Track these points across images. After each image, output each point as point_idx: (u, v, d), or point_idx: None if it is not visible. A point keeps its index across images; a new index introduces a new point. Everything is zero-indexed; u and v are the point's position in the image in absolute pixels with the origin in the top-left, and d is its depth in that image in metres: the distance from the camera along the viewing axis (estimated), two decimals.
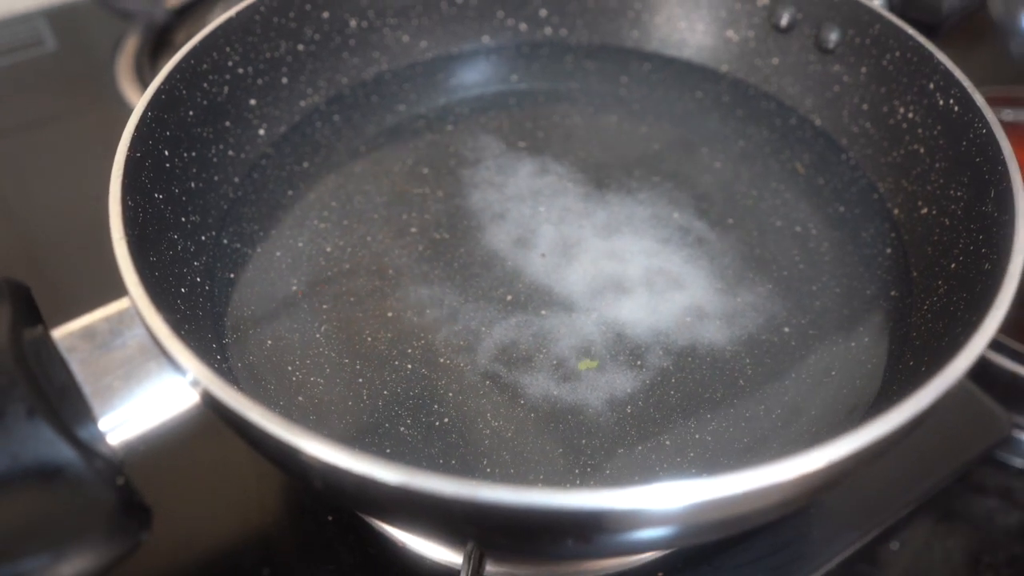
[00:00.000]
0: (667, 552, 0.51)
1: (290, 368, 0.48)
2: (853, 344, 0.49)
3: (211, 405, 0.36)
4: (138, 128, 0.46)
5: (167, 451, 0.45)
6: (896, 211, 0.55)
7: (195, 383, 0.36)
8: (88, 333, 0.38)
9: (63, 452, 0.33)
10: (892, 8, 0.58)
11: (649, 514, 0.32)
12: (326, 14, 0.62)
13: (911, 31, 0.54)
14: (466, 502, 0.32)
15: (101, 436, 0.36)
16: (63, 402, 0.35)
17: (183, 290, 0.47)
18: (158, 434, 0.38)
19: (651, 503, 0.31)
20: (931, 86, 0.52)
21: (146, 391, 0.37)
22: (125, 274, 0.39)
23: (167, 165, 0.49)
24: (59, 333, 0.37)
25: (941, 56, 0.52)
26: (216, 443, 0.52)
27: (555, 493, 0.31)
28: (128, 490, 0.34)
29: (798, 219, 0.57)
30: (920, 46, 0.53)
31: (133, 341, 0.38)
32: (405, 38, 0.66)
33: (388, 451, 0.45)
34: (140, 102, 0.47)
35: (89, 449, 0.34)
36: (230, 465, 0.51)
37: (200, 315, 0.48)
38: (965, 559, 0.58)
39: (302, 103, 0.62)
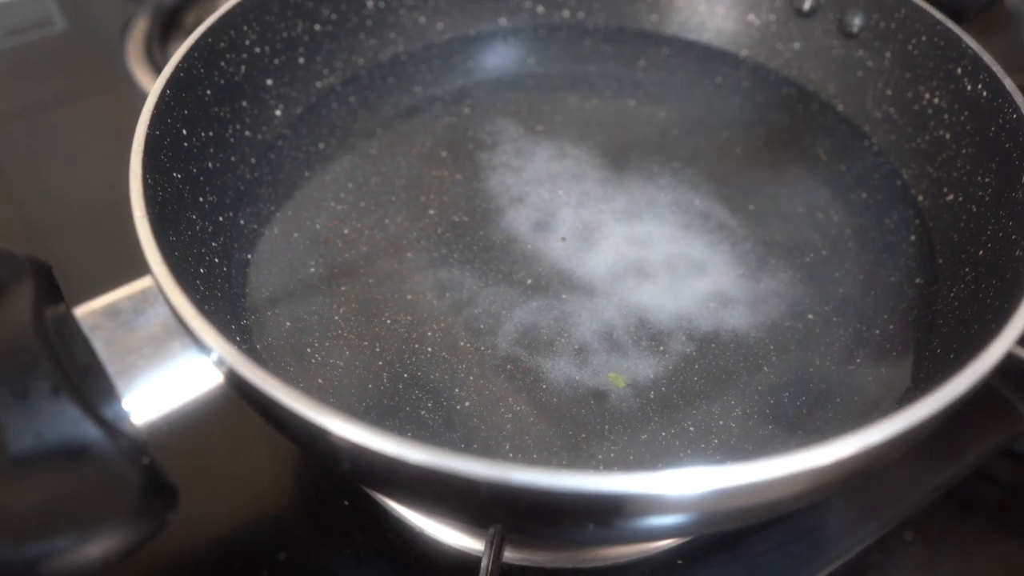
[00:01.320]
0: (686, 540, 0.50)
1: (309, 350, 0.48)
2: (878, 331, 0.49)
3: (236, 385, 0.35)
4: (157, 106, 0.46)
5: (189, 431, 0.44)
6: (920, 198, 0.54)
7: (220, 362, 0.35)
8: (111, 311, 0.37)
9: (88, 431, 0.33)
10: None
11: (680, 500, 0.32)
12: None
13: (938, 15, 0.53)
14: (496, 484, 0.31)
15: (125, 415, 0.35)
16: (87, 381, 0.34)
17: (202, 271, 0.47)
18: (181, 414, 0.37)
19: (682, 488, 0.31)
20: (958, 71, 0.52)
21: (169, 370, 0.37)
22: (148, 252, 0.38)
23: (185, 144, 0.49)
24: (82, 311, 0.37)
25: (969, 40, 0.51)
26: (236, 425, 0.51)
27: (585, 476, 0.30)
28: (154, 469, 0.34)
29: (820, 205, 0.56)
30: (948, 30, 0.52)
31: (156, 320, 0.37)
32: (422, 19, 0.66)
33: (409, 435, 0.44)
34: (159, 79, 0.47)
35: (114, 428, 0.34)
36: (249, 448, 0.51)
37: (219, 296, 0.47)
38: (979, 551, 0.58)
39: (318, 84, 0.61)
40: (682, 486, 0.31)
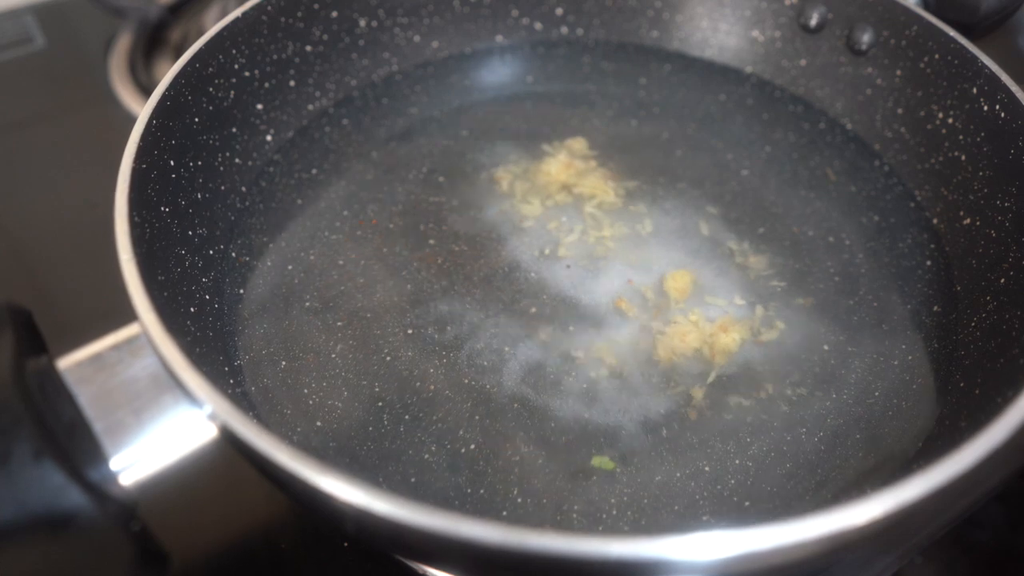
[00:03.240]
0: None
1: (306, 391, 0.45)
2: (896, 363, 0.47)
3: (232, 441, 0.33)
4: (143, 137, 0.43)
5: (182, 488, 0.42)
6: (936, 221, 0.53)
7: (214, 417, 0.33)
8: (97, 362, 0.35)
9: (74, 498, 0.30)
10: (927, 7, 0.55)
11: (703, 564, 0.30)
12: (335, 13, 0.59)
13: (952, 32, 0.52)
14: (511, 550, 0.29)
15: (113, 477, 0.33)
16: (72, 441, 0.32)
17: (192, 310, 0.45)
18: (173, 471, 0.35)
19: (707, 554, 0.29)
20: (974, 90, 0.50)
21: (160, 425, 0.35)
22: (135, 298, 0.36)
23: (173, 176, 0.47)
24: (66, 363, 0.35)
25: (986, 59, 0.49)
26: (231, 480, 0.48)
27: (605, 542, 0.29)
28: (144, 536, 0.32)
29: (831, 228, 0.54)
30: (962, 48, 0.51)
31: (145, 371, 0.35)
32: (416, 38, 0.64)
33: (413, 480, 0.42)
34: (144, 109, 0.44)
35: (101, 492, 0.32)
36: (246, 504, 0.48)
37: (211, 336, 0.45)
38: (989, 574, 0.56)
39: (310, 107, 0.59)
40: (706, 552, 0.29)
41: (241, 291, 0.49)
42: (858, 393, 0.46)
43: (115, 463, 0.33)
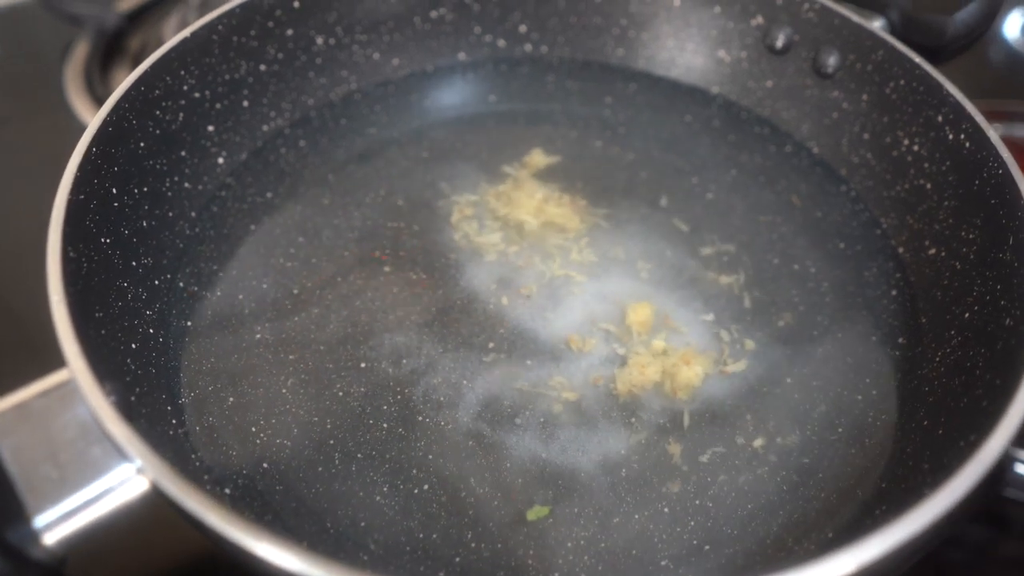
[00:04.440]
0: None
1: (254, 429, 0.44)
2: (860, 398, 0.46)
3: (165, 500, 0.31)
4: (81, 167, 0.42)
5: (112, 546, 0.39)
6: (901, 250, 0.52)
7: (145, 472, 0.31)
8: (22, 412, 0.33)
9: None
10: (893, 30, 0.55)
11: None
12: (290, 31, 0.57)
13: (918, 59, 0.51)
14: None
15: (36, 536, 0.31)
16: None
17: (134, 346, 0.43)
18: (102, 526, 0.33)
19: None
20: (939, 118, 0.49)
21: (90, 480, 0.33)
22: (65, 343, 0.34)
23: (115, 204, 0.45)
24: None
25: (951, 87, 0.49)
26: (166, 537, 0.45)
27: None
28: None
29: (796, 256, 0.53)
30: (927, 75, 0.50)
31: (74, 422, 0.34)
32: (376, 55, 0.62)
33: (363, 524, 0.41)
34: (83, 138, 0.43)
35: (21, 555, 0.30)
36: (182, 548, 0.46)
37: (153, 373, 0.43)
38: None
39: (265, 127, 0.57)
40: None
41: (188, 323, 0.48)
42: (821, 430, 0.45)
43: (39, 521, 0.32)
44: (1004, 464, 0.49)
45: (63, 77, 0.82)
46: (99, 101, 0.77)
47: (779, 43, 0.59)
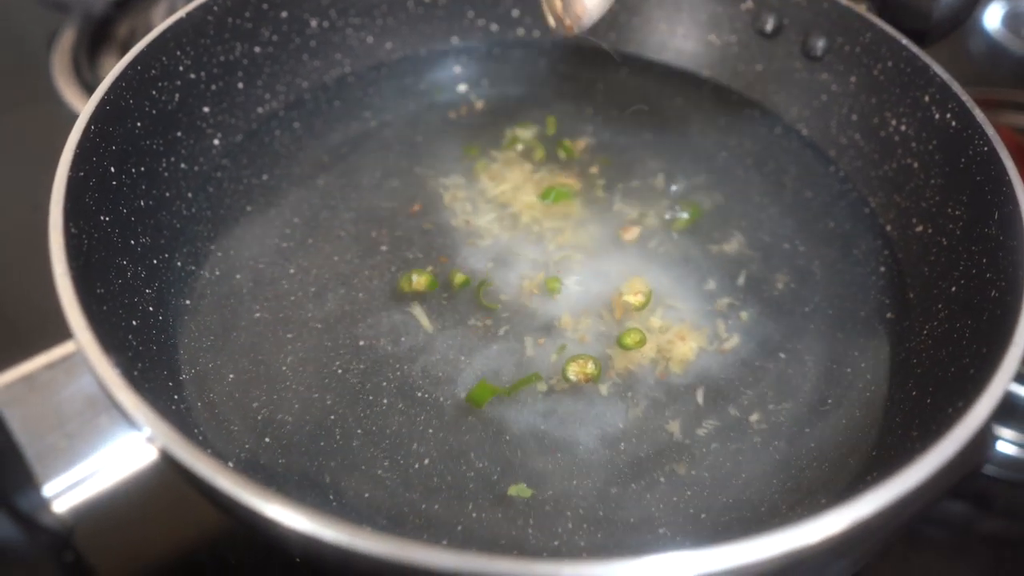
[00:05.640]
0: None
1: (255, 405, 0.44)
2: (849, 371, 0.47)
3: (173, 466, 0.32)
4: (80, 144, 0.42)
5: (120, 513, 0.39)
6: (889, 227, 0.53)
7: (155, 440, 0.32)
8: (29, 384, 0.34)
9: (2, 529, 0.29)
10: (880, 14, 0.55)
11: None
12: (284, 13, 0.57)
13: (905, 41, 0.52)
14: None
15: (45, 504, 0.32)
16: (0, 468, 0.31)
17: (135, 323, 0.43)
18: (111, 494, 0.34)
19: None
20: (926, 99, 0.51)
21: (97, 449, 0.33)
22: (70, 315, 0.34)
23: (113, 183, 0.45)
24: None
25: (937, 68, 0.50)
26: (173, 503, 0.45)
27: (557, 566, 0.28)
28: (79, 567, 0.30)
29: (786, 235, 0.54)
30: (914, 57, 0.51)
31: (81, 392, 0.34)
32: (370, 39, 0.62)
33: (366, 496, 0.41)
34: (82, 115, 0.43)
35: (32, 521, 0.30)
36: (188, 529, 0.46)
37: (154, 350, 0.43)
38: (943, 567, 0.57)
39: (260, 110, 0.58)
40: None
41: (187, 302, 0.48)
42: (813, 402, 0.46)
43: (48, 489, 0.32)
44: (987, 435, 0.50)
45: (50, 65, 0.81)
46: (88, 88, 0.77)
47: (768, 27, 0.59)
